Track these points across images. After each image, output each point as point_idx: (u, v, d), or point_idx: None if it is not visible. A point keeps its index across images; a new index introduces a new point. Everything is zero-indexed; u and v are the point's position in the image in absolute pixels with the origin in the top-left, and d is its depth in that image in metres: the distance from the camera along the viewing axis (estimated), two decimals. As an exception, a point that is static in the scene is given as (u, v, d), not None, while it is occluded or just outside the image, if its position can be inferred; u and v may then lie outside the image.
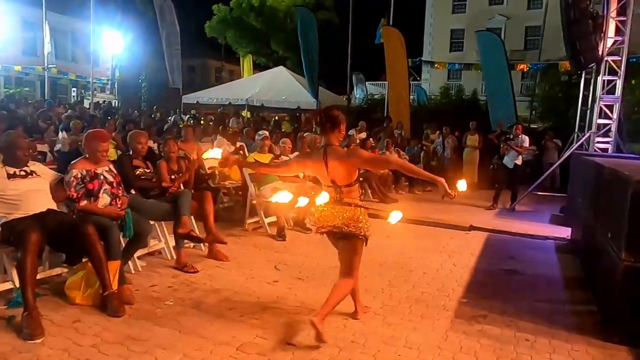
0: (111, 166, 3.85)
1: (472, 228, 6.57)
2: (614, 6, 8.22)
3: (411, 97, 17.14)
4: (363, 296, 3.81)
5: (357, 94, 22.73)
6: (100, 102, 21.01)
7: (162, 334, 3.01)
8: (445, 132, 11.36)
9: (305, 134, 8.12)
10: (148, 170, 4.47)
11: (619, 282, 3.14)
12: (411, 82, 18.01)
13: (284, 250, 5.10)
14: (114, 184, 3.75)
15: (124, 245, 3.78)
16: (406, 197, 9.04)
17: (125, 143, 5.55)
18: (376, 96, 18.95)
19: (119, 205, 3.73)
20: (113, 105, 22.37)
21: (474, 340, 3.13)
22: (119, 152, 6.50)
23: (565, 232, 6.40)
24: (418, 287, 4.12)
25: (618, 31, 8.34)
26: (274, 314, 3.40)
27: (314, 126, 14.90)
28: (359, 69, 23.97)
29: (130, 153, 4.47)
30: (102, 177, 3.69)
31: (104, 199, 3.68)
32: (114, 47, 25.56)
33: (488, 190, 10.80)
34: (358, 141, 9.25)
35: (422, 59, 23.96)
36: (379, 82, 24.24)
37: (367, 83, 24.62)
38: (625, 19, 8.23)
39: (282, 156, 6.35)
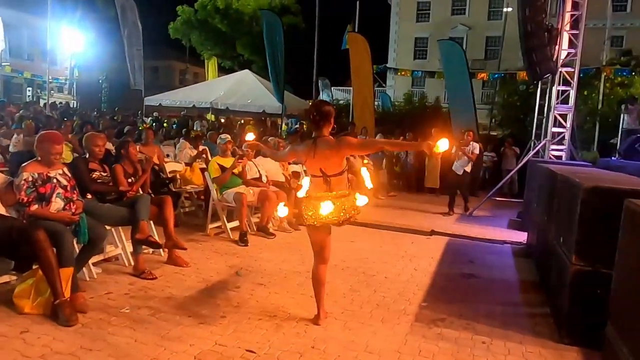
0: (65, 169, 3.71)
1: (433, 233, 6.69)
2: (567, 20, 8.58)
3: (376, 103, 17.39)
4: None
5: (323, 98, 22.84)
6: (57, 102, 20.26)
7: (116, 343, 2.91)
8: (409, 138, 11.55)
9: (270, 138, 8.07)
10: (105, 174, 4.33)
11: (569, 285, 3.25)
12: (376, 89, 18.25)
13: (246, 255, 5.04)
14: (68, 188, 3.61)
15: (77, 251, 3.65)
16: (369, 202, 9.10)
17: (82, 145, 5.36)
18: (341, 101, 19.11)
19: (73, 210, 3.59)
20: (71, 106, 21.65)
21: (432, 344, 3.18)
22: (76, 155, 6.28)
23: (522, 237, 6.61)
24: (379, 292, 4.15)
25: (571, 44, 8.71)
26: (234, 320, 3.35)
27: (280, 130, 14.90)
28: (326, 74, 24.10)
29: (87, 156, 4.33)
30: (55, 180, 3.55)
31: (56, 204, 3.53)
32: (73, 45, 24.72)
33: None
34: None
35: (387, 65, 24.32)
36: (345, 88, 24.45)
37: (333, 88, 24.77)
38: (577, 32, 8.61)
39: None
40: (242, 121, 18.94)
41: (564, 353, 3.16)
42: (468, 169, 8.37)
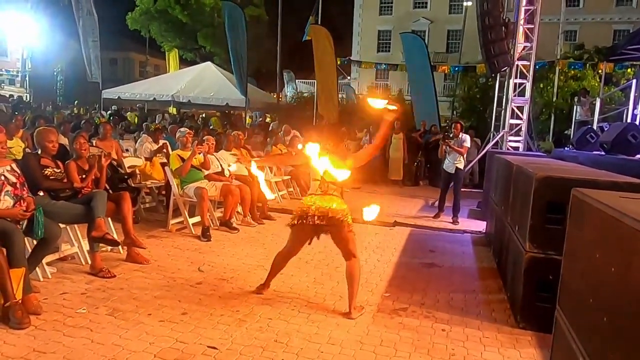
0: (13, 165, 3.54)
1: (396, 224, 6.79)
2: (523, 14, 8.83)
3: (340, 95, 17.44)
4: (287, 295, 3.83)
5: (288, 91, 22.73)
6: (8, 96, 19.34)
7: (72, 345, 2.82)
8: (372, 130, 11.64)
9: (234, 132, 7.97)
10: (58, 170, 4.16)
11: (523, 271, 3.37)
12: (340, 81, 18.30)
13: (209, 251, 4.98)
14: (17, 185, 3.45)
15: (30, 250, 3.51)
16: (334, 194, 9.14)
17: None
18: (305, 94, 19.07)
19: (23, 208, 3.44)
20: (24, 99, 20.72)
21: (394, 333, 3.23)
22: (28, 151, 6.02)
23: (481, 226, 6.80)
24: (342, 284, 4.14)
25: (527, 38, 8.98)
26: (195, 317, 3.30)
27: (244, 124, 14.74)
28: (290, 66, 23.99)
29: (39, 151, 4.15)
30: (2, 177, 3.39)
31: (5, 202, 3.37)
32: (24, 36, 23.57)
33: (412, 187, 11.27)
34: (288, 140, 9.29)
35: (351, 58, 24.40)
36: (310, 80, 24.41)
37: (298, 81, 24.68)
38: (533, 26, 8.88)
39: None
40: (205, 114, 18.64)
41: (519, 337, 3.28)
42: (460, 165, 7.14)
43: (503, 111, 10.25)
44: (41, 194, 3.96)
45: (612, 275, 1.53)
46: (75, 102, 17.58)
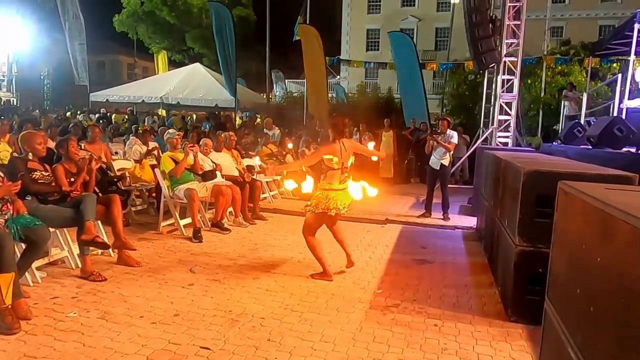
0: (-2, 170, 3.51)
1: (387, 221, 6.81)
2: (509, 11, 8.91)
3: (330, 94, 17.45)
4: (280, 294, 3.84)
5: (277, 91, 22.70)
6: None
7: (63, 349, 2.80)
8: (362, 129, 11.67)
9: (224, 134, 7.94)
10: (47, 174, 4.13)
11: (513, 265, 3.40)
12: (330, 80, 18.29)
13: (200, 252, 4.96)
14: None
15: (19, 255, 3.48)
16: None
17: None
18: (295, 94, 19.05)
19: (10, 211, 3.41)
20: (12, 103, 20.49)
21: (386, 329, 3.25)
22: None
23: (472, 222, 6.84)
24: (335, 281, 4.19)
25: (514, 34, 9.06)
26: (188, 318, 3.29)
27: (235, 124, 14.68)
28: (279, 66, 23.95)
29: (27, 155, 4.11)
30: (-14, 182, 3.36)
31: (-10, 205, 3.34)
32: (10, 40, 23.32)
33: (403, 184, 11.31)
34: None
35: (340, 57, 24.40)
36: (299, 80, 24.39)
37: (287, 81, 24.65)
38: (519, 23, 8.96)
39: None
40: (195, 116, 18.56)
41: (510, 330, 3.31)
42: (446, 162, 7.07)
43: (492, 107, 10.32)
44: (29, 198, 3.93)
45: (598, 265, 1.55)
46: (70, 106, 17.36)
